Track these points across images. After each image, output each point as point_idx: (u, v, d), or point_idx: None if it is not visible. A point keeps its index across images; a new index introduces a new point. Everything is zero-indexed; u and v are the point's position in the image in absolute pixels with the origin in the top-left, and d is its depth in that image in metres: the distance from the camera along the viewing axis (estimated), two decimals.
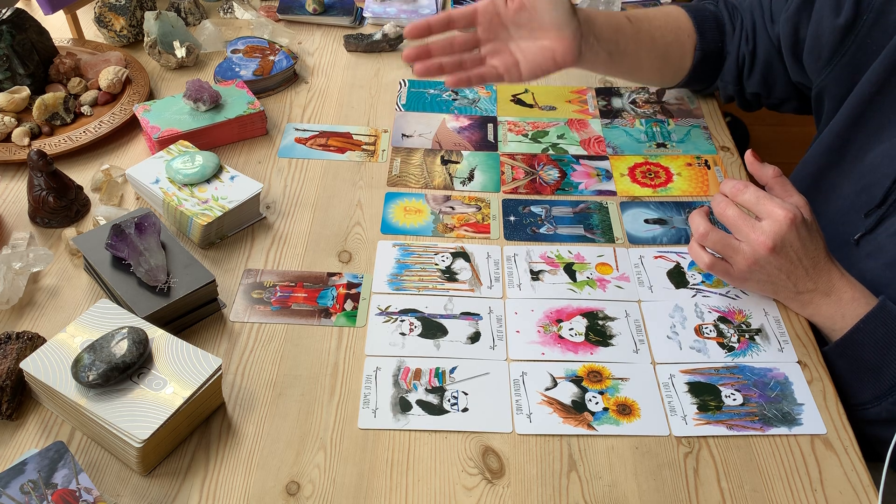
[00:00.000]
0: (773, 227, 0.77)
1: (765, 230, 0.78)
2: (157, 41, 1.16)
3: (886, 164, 0.84)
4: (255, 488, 0.69)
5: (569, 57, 0.88)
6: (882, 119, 0.87)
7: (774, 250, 0.78)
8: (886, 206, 0.82)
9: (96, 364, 0.68)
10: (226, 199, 0.91)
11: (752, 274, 0.81)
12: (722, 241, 0.80)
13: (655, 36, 1.00)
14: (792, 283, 0.81)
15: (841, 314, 0.80)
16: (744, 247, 0.79)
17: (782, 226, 0.77)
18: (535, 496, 0.70)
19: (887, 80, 0.85)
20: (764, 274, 0.80)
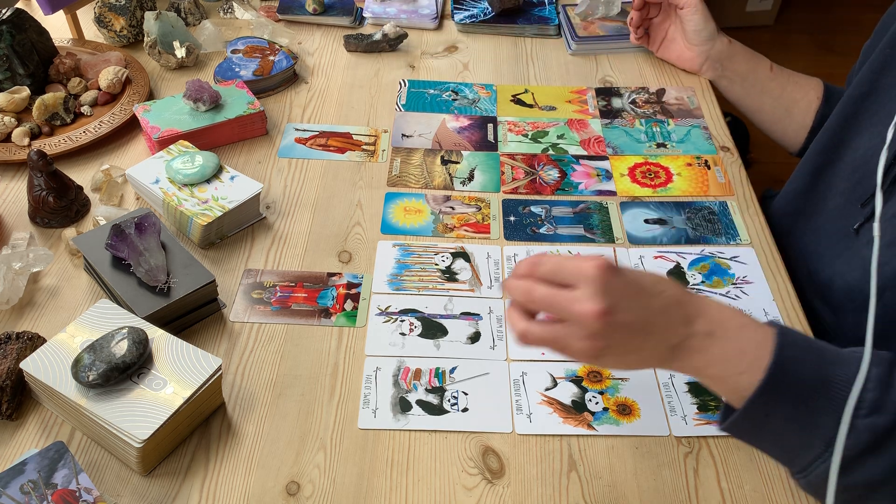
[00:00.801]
0: (590, 287, 0.60)
1: (584, 295, 0.60)
2: (157, 41, 1.16)
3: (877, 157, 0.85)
4: (255, 488, 0.69)
5: (687, 64, 1.19)
6: (872, 117, 0.90)
7: (607, 312, 0.59)
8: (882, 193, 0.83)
9: (96, 364, 0.68)
10: (226, 199, 0.91)
11: (601, 352, 0.62)
12: (547, 334, 0.62)
13: (787, 88, 1.09)
14: (655, 339, 0.62)
15: (740, 349, 0.61)
16: (571, 329, 0.61)
17: (598, 279, 0.60)
18: (535, 496, 0.70)
19: (877, 80, 0.90)
20: (615, 345, 0.62)
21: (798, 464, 0.62)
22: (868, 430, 0.58)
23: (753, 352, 0.61)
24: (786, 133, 1.11)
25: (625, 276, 0.62)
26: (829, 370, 0.60)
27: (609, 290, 0.60)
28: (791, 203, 1.02)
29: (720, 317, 0.63)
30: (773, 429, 0.61)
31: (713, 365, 0.62)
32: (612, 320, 0.60)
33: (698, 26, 1.13)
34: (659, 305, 0.62)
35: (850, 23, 2.90)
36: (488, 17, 1.31)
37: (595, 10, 1.28)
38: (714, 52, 1.14)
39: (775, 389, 0.59)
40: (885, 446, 0.58)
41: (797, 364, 0.60)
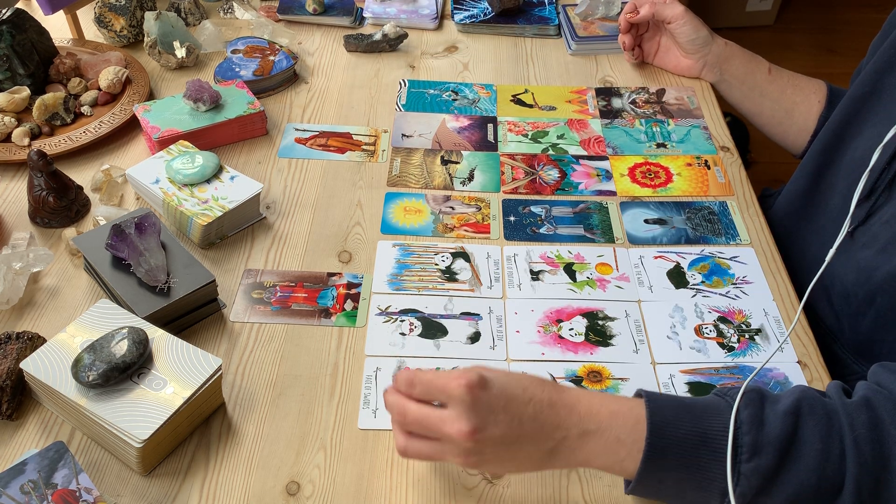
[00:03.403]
0: (458, 406, 0.61)
1: (452, 416, 0.61)
2: (157, 41, 1.16)
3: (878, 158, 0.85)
4: (255, 488, 0.69)
5: (686, 71, 1.19)
6: (873, 117, 0.90)
7: (474, 431, 0.60)
8: (875, 197, 0.83)
9: (96, 364, 0.68)
10: (226, 199, 0.91)
11: (478, 464, 0.63)
12: (425, 450, 0.64)
13: (786, 91, 1.09)
14: (529, 447, 0.62)
15: (616, 438, 0.62)
16: (445, 447, 0.62)
17: (464, 399, 0.61)
18: (535, 496, 0.70)
19: (880, 80, 0.90)
20: (491, 457, 0.62)
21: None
22: (754, 474, 0.59)
23: (629, 436, 0.62)
24: (787, 136, 1.11)
25: (492, 389, 0.62)
26: (704, 424, 0.62)
27: (476, 409, 0.61)
28: (792, 204, 1.02)
29: (589, 410, 0.63)
30: (671, 491, 0.63)
31: (595, 458, 0.63)
32: (481, 437, 0.61)
33: (690, 36, 1.14)
34: (529, 414, 0.62)
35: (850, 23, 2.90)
36: (488, 17, 1.31)
37: (595, 10, 1.28)
38: (711, 56, 1.15)
39: (659, 457, 0.61)
40: (774, 485, 0.60)
41: (670, 427, 0.61)
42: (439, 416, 0.62)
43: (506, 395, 0.63)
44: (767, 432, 0.60)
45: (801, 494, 0.59)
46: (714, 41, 1.14)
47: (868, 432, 0.60)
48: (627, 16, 1.17)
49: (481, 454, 0.62)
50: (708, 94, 1.17)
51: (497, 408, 0.62)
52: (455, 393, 0.61)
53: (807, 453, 0.60)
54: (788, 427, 0.61)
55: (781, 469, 0.60)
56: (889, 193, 0.82)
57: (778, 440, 0.60)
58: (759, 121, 1.14)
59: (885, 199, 0.82)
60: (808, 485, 0.59)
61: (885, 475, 0.60)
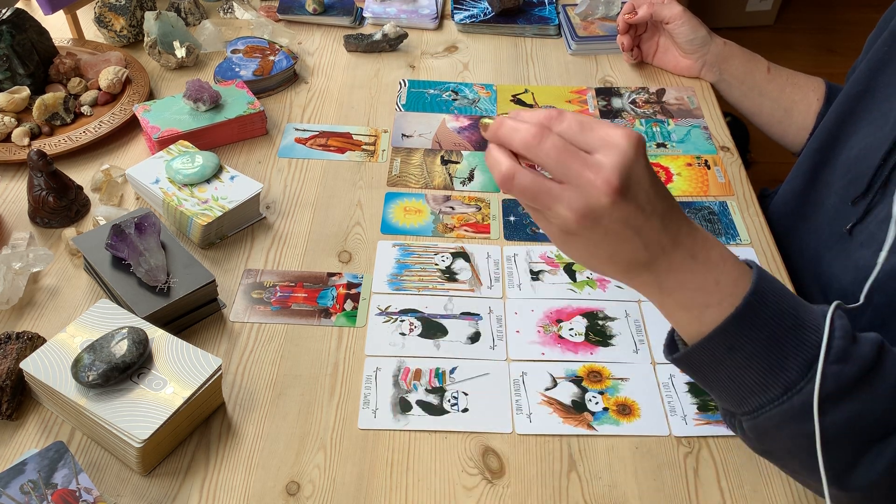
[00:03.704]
0: (615, 157, 0.53)
1: (603, 165, 0.53)
2: (157, 41, 1.16)
3: (871, 155, 0.86)
4: (255, 488, 0.69)
5: (685, 71, 1.19)
6: (868, 115, 0.90)
7: (621, 192, 0.53)
8: (872, 195, 0.83)
9: (96, 364, 0.68)
10: (226, 199, 0.91)
11: (582, 231, 0.56)
12: (537, 186, 0.55)
13: (785, 90, 1.09)
14: (642, 242, 0.56)
15: (715, 280, 0.57)
16: (568, 193, 0.54)
17: (627, 154, 0.53)
18: (535, 496, 0.70)
19: (874, 78, 0.90)
20: (600, 232, 0.56)
21: (747, 405, 0.59)
22: (833, 378, 0.56)
23: (729, 285, 0.57)
24: (786, 134, 1.11)
25: (648, 163, 0.56)
26: (803, 313, 0.58)
27: (633, 172, 0.54)
28: (789, 203, 1.02)
29: (704, 241, 0.58)
30: (732, 365, 0.57)
31: (683, 290, 0.58)
32: (619, 202, 0.54)
33: (689, 36, 1.14)
34: (662, 208, 0.56)
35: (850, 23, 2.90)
36: (488, 17, 1.31)
37: (595, 10, 1.28)
38: (710, 56, 1.15)
39: (750, 318, 0.56)
40: (845, 397, 0.57)
41: (774, 297, 0.57)
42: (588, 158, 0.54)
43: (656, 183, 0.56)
44: (858, 348, 0.57)
45: (861, 418, 0.57)
46: (713, 41, 1.14)
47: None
48: (625, 17, 1.17)
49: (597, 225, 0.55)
50: (708, 94, 1.17)
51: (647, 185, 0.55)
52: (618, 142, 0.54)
53: (882, 383, 0.57)
54: (875, 353, 0.58)
55: (858, 386, 0.56)
56: (884, 191, 0.82)
57: (865, 359, 0.57)
58: (759, 120, 1.14)
59: (880, 197, 0.82)
60: (871, 412, 0.57)
61: None
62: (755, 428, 0.59)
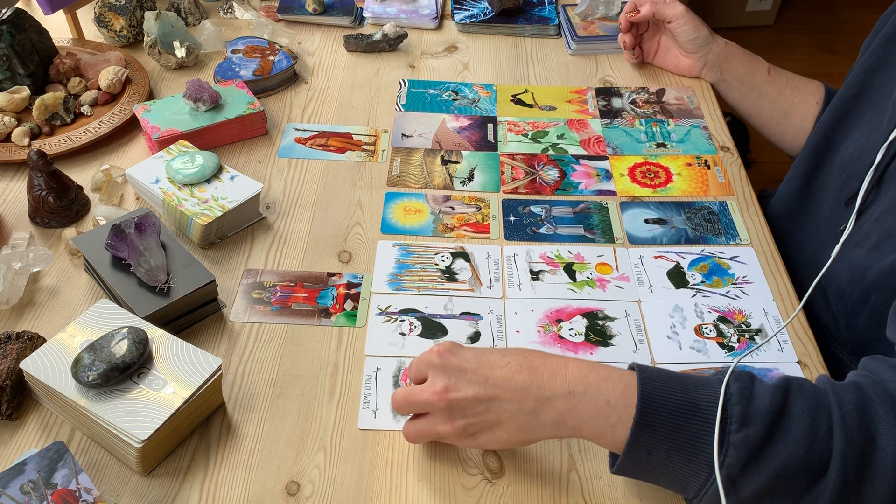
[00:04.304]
0: (433, 371, 0.65)
1: (429, 382, 0.65)
2: (157, 41, 1.16)
3: (865, 157, 0.86)
4: (255, 488, 0.69)
5: (686, 71, 1.19)
6: (862, 117, 0.90)
7: (445, 390, 0.64)
8: (865, 195, 0.83)
9: (96, 364, 0.68)
10: (226, 199, 0.91)
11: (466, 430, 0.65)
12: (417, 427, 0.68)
13: (785, 92, 1.10)
14: (509, 407, 0.63)
15: (605, 401, 0.62)
16: (433, 416, 0.66)
17: (436, 363, 0.65)
18: (535, 496, 0.70)
19: (869, 80, 0.91)
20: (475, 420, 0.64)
21: (690, 490, 0.62)
22: (743, 444, 0.59)
23: (620, 401, 0.62)
24: (784, 136, 1.11)
25: (464, 353, 0.66)
26: (694, 394, 0.61)
27: (447, 370, 0.64)
28: (786, 204, 1.02)
29: (577, 374, 0.64)
30: (659, 463, 0.62)
31: (585, 424, 0.63)
32: (456, 397, 0.63)
33: (690, 35, 1.14)
34: (503, 375, 0.64)
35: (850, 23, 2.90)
36: (488, 17, 1.31)
37: (595, 10, 1.28)
38: (711, 56, 1.15)
39: (649, 425, 0.60)
40: (762, 457, 0.59)
41: (662, 396, 0.61)
42: (419, 388, 0.66)
43: (478, 358, 0.65)
44: (756, 405, 0.60)
45: (789, 468, 0.59)
46: (714, 41, 1.14)
47: (856, 410, 0.60)
48: (628, 15, 1.17)
49: (463, 416, 0.64)
50: (708, 94, 1.17)
51: (468, 369, 0.65)
52: (428, 359, 0.66)
53: (795, 427, 0.60)
54: (778, 401, 0.60)
55: (770, 441, 0.59)
56: (878, 191, 0.82)
57: (767, 412, 0.60)
58: (758, 121, 1.14)
59: (874, 197, 0.83)
60: (795, 458, 0.59)
61: (871, 453, 0.59)
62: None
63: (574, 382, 0.63)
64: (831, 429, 0.60)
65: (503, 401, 0.63)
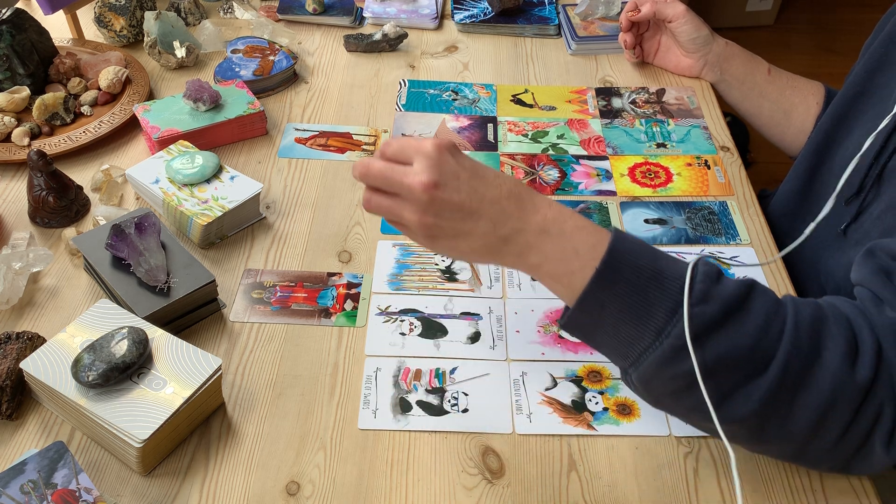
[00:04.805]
0: (424, 161, 0.63)
1: (416, 169, 0.63)
2: (157, 41, 1.16)
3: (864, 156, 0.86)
4: (255, 488, 0.69)
5: (686, 71, 1.19)
6: (863, 116, 0.90)
7: (434, 185, 0.62)
8: (864, 194, 0.84)
9: (96, 364, 0.68)
10: (226, 199, 0.91)
11: (431, 230, 0.64)
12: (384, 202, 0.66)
13: (785, 92, 1.09)
14: (485, 225, 0.64)
15: (573, 248, 0.63)
16: (405, 201, 0.64)
17: (432, 155, 0.63)
18: (535, 496, 0.70)
19: (870, 80, 0.91)
20: (445, 224, 0.64)
21: (630, 356, 0.63)
22: (697, 318, 0.59)
23: (588, 251, 0.62)
24: (784, 137, 1.11)
25: (463, 159, 0.65)
26: (662, 264, 0.62)
27: (441, 167, 0.63)
28: (787, 204, 1.02)
29: (557, 216, 0.64)
30: (608, 320, 0.62)
31: (548, 262, 0.64)
32: (439, 195, 0.63)
33: (691, 35, 1.14)
34: (492, 195, 0.64)
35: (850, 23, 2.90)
36: (488, 17, 1.31)
37: (595, 10, 1.28)
38: (712, 56, 1.15)
39: (610, 277, 0.61)
40: (710, 337, 0.60)
41: (631, 256, 0.62)
42: (403, 169, 0.64)
43: (474, 169, 0.65)
44: (720, 289, 0.61)
45: (733, 354, 0.60)
46: (715, 41, 1.14)
47: (810, 323, 0.62)
48: (629, 14, 1.17)
49: (437, 216, 0.64)
50: (708, 94, 1.17)
51: (462, 176, 0.64)
52: (424, 149, 0.64)
53: (749, 320, 0.61)
54: (741, 293, 0.61)
55: (722, 326, 0.60)
56: (877, 189, 0.82)
57: (728, 297, 0.61)
58: (758, 121, 1.14)
59: (874, 195, 0.83)
60: (740, 348, 0.60)
61: (813, 365, 0.61)
62: (641, 378, 0.63)
63: (551, 222, 0.64)
64: (783, 332, 0.61)
65: (483, 217, 0.64)
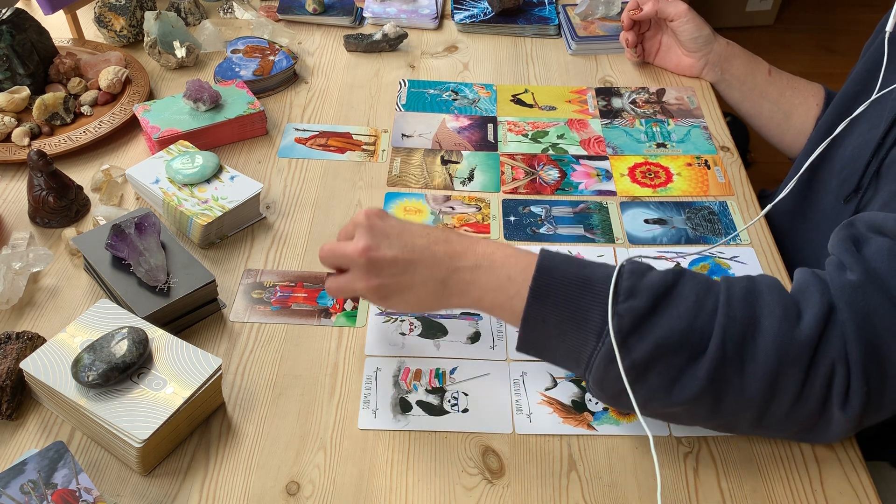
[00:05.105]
0: (359, 230, 0.70)
1: (354, 240, 0.70)
2: (157, 41, 1.16)
3: (864, 155, 0.86)
4: (255, 488, 0.69)
5: (687, 70, 1.19)
6: (863, 115, 0.90)
7: (369, 248, 0.69)
8: (863, 192, 0.84)
9: (96, 364, 0.68)
10: (226, 199, 0.91)
11: (379, 290, 0.70)
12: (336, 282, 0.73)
13: (786, 93, 1.10)
14: (423, 273, 0.69)
15: (507, 276, 0.68)
16: (352, 272, 0.71)
17: (363, 223, 0.70)
18: (535, 496, 0.70)
19: (870, 79, 0.91)
20: (389, 282, 0.70)
21: (582, 362, 0.66)
22: (628, 313, 0.63)
23: (520, 275, 0.67)
24: (784, 138, 1.11)
25: (390, 219, 0.72)
26: (588, 271, 0.66)
27: (372, 231, 0.70)
28: (787, 203, 1.02)
29: (486, 251, 0.70)
30: (553, 333, 0.66)
31: (486, 294, 0.69)
32: (376, 255, 0.69)
33: (693, 34, 1.14)
34: (422, 244, 0.70)
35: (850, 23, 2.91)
36: (488, 17, 1.31)
37: (595, 10, 1.28)
38: (713, 55, 1.15)
39: (542, 295, 0.65)
40: (645, 326, 0.63)
41: (558, 270, 0.66)
42: (345, 243, 0.71)
43: (402, 226, 0.71)
44: (646, 282, 0.64)
45: (670, 339, 0.62)
46: (716, 40, 1.14)
47: (743, 295, 0.64)
48: (630, 13, 1.17)
49: (380, 275, 0.69)
50: (708, 94, 1.17)
51: (392, 234, 0.70)
52: (357, 220, 0.71)
53: (680, 304, 0.63)
54: (668, 281, 0.65)
55: (653, 313, 0.63)
56: (876, 186, 0.82)
57: (654, 287, 0.64)
58: (758, 122, 1.14)
59: (873, 192, 0.83)
60: (676, 330, 0.62)
61: (753, 334, 0.62)
62: (595, 380, 0.66)
63: (482, 258, 0.69)
64: (716, 309, 0.63)
65: (418, 266, 0.69)
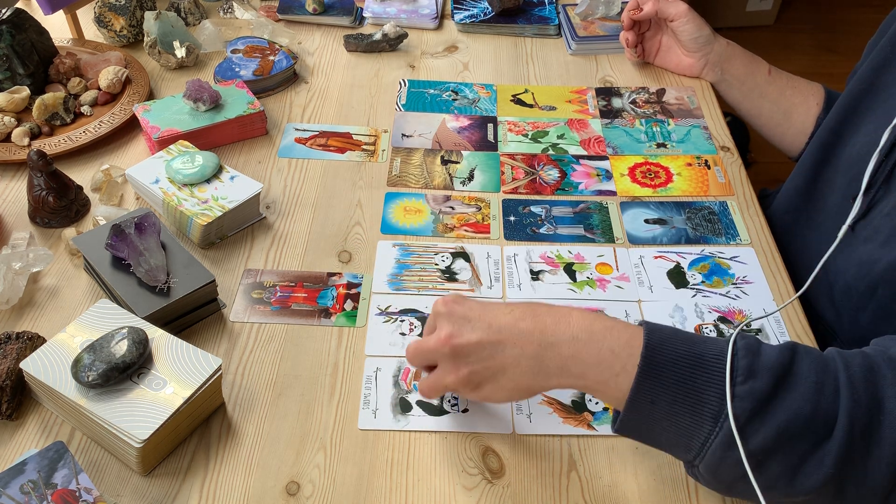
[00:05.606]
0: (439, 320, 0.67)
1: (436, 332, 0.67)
2: (157, 41, 1.16)
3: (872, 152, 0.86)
4: (255, 488, 0.69)
5: (687, 70, 1.19)
6: (870, 113, 0.90)
7: (451, 336, 0.65)
8: (875, 190, 0.84)
9: (96, 364, 0.68)
10: (226, 199, 0.91)
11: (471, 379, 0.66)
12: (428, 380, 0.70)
13: (786, 93, 1.10)
14: (512, 351, 0.64)
15: (609, 349, 0.62)
16: (441, 367, 0.68)
17: (441, 312, 0.67)
18: (535, 496, 0.70)
19: (877, 78, 0.91)
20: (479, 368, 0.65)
21: (693, 447, 0.61)
22: (749, 396, 0.58)
23: (624, 350, 0.62)
24: (784, 138, 1.11)
25: (469, 302, 0.68)
26: (700, 348, 0.61)
27: (452, 317, 0.66)
28: (791, 201, 1.02)
29: (582, 323, 0.64)
30: (662, 415, 0.61)
31: (589, 371, 0.62)
32: (460, 342, 0.65)
33: (693, 34, 1.14)
34: (507, 322, 0.65)
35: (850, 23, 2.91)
36: (488, 16, 1.31)
37: (595, 10, 1.28)
38: (713, 55, 1.15)
39: (653, 374, 0.60)
40: (768, 410, 0.58)
41: (668, 347, 0.61)
42: (427, 338, 0.68)
43: (483, 307, 0.67)
44: (763, 360, 0.60)
45: (794, 424, 0.58)
46: (716, 40, 1.14)
47: (863, 373, 0.60)
48: (631, 13, 1.17)
49: (468, 363, 0.65)
50: (708, 94, 1.17)
51: (473, 316, 0.66)
52: (436, 309, 0.68)
53: (801, 384, 0.59)
54: (785, 359, 0.60)
55: (776, 395, 0.59)
56: (888, 186, 0.82)
57: (773, 367, 0.59)
58: (758, 122, 1.14)
59: (884, 192, 0.83)
60: (801, 415, 0.58)
61: (878, 416, 0.58)
62: (708, 467, 0.61)
63: (578, 329, 0.63)
64: (838, 389, 0.59)
65: (507, 345, 0.64)
